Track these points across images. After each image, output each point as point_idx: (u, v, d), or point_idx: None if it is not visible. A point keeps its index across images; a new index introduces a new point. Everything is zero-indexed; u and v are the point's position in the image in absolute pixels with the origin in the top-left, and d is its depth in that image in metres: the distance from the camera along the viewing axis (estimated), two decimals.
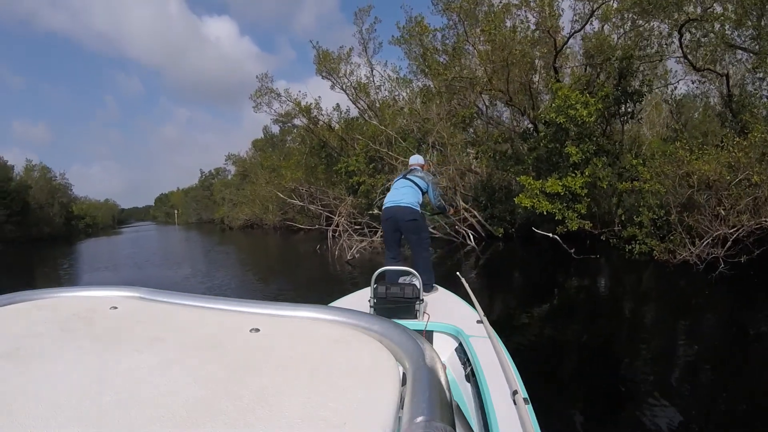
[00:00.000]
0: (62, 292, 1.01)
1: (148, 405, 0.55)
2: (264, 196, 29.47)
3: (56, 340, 0.76)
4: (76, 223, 53.27)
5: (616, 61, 9.63)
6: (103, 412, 0.54)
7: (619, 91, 9.77)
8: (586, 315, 5.94)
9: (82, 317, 0.86)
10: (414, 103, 16.85)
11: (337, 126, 19.73)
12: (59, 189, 47.39)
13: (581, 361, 4.34)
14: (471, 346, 2.14)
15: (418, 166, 4.12)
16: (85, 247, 27.56)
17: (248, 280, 10.71)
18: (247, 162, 39.20)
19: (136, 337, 0.77)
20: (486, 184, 14.11)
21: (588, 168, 9.24)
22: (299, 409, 0.54)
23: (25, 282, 14.62)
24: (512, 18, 10.29)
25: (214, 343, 0.74)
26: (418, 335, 0.71)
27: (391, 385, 0.60)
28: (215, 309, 0.88)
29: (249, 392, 0.58)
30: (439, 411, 0.49)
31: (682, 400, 3.34)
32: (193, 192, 63.80)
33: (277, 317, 0.83)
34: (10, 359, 0.68)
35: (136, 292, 0.99)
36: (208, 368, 0.65)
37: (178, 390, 0.59)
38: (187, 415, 0.53)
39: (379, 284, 2.85)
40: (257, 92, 17.93)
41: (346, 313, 0.81)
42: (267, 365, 0.66)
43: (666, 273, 7.38)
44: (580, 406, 3.32)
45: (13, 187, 35.07)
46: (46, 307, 0.92)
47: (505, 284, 8.30)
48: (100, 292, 1.01)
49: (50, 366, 0.66)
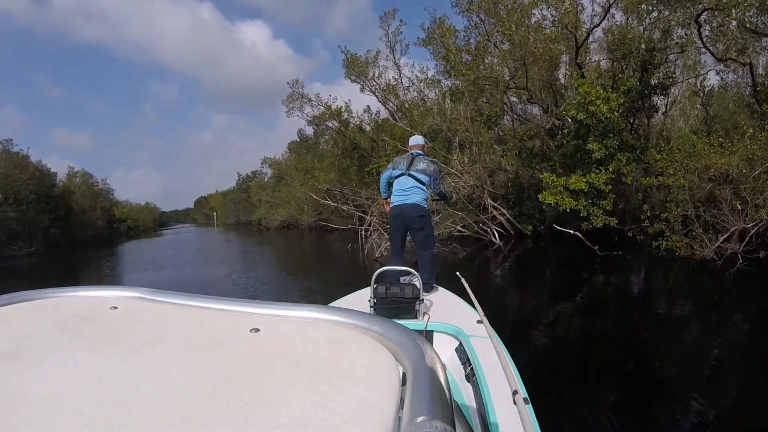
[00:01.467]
0: (62, 292, 1.02)
1: (148, 405, 0.56)
2: (299, 198, 30.67)
3: (56, 340, 0.77)
4: (118, 225, 56.49)
5: (638, 54, 9.73)
6: (103, 412, 0.55)
7: (642, 84, 9.85)
8: (594, 312, 6.04)
9: (82, 317, 0.87)
10: (443, 103, 17.30)
11: (368, 128, 20.45)
12: (101, 194, 50.55)
13: (582, 360, 4.42)
14: (471, 346, 2.19)
15: (419, 148, 4.10)
16: (126, 248, 29.48)
17: (282, 277, 11.51)
18: (283, 164, 40.75)
19: (136, 337, 0.78)
20: (515, 182, 14.37)
21: (612, 164, 9.43)
22: (299, 409, 0.55)
23: (71, 282, 16.15)
24: (528, 17, 10.55)
25: (214, 343, 0.75)
26: (418, 335, 0.72)
27: (391, 385, 0.60)
28: (215, 309, 0.89)
29: (249, 392, 0.59)
30: (439, 411, 0.49)
31: (685, 399, 3.37)
32: (231, 194, 66.63)
33: (277, 317, 0.84)
34: (10, 359, 0.68)
35: (136, 292, 1.00)
36: (208, 368, 0.66)
37: (178, 390, 0.59)
38: (187, 415, 0.54)
39: (379, 284, 2.90)
40: (289, 97, 18.95)
41: (346, 313, 0.82)
42: (267, 365, 0.67)
43: (686, 269, 7.48)
44: (580, 406, 3.37)
45: (57, 192, 37.33)
46: (46, 307, 0.93)
47: (520, 282, 8.56)
48: (100, 292, 1.03)
49: (50, 366, 0.67)
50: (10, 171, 30.36)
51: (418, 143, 4.10)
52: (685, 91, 12.74)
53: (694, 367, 4.07)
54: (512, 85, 10.88)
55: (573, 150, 10.29)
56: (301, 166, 31.06)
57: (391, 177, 4.00)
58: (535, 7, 10.41)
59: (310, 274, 11.55)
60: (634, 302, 6.49)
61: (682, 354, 4.37)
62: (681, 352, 4.39)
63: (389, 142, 16.50)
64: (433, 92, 18.44)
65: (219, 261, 16.81)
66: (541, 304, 6.71)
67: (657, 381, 3.72)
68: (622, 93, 9.27)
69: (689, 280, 7.25)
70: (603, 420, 3.13)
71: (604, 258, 9.10)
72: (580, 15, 10.26)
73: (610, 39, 10.33)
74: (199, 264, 16.17)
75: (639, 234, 9.74)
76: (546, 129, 11.79)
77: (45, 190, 34.89)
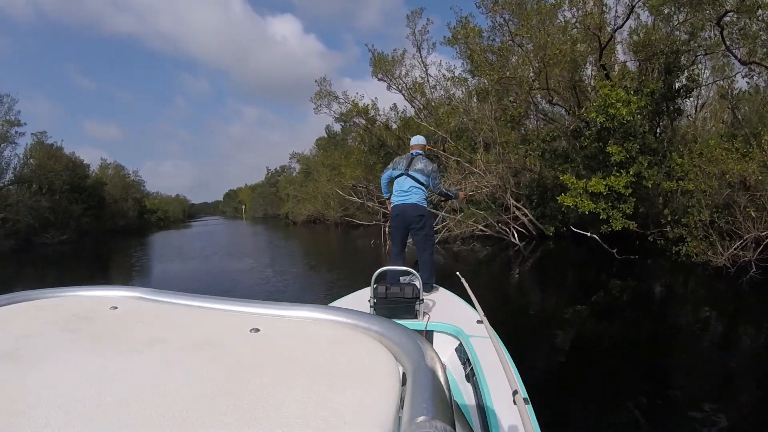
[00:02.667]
0: (62, 292, 1.03)
1: (148, 405, 0.57)
2: (325, 193, 31.45)
3: (56, 340, 0.78)
4: (148, 216, 58.80)
5: (662, 56, 9.76)
6: (103, 412, 0.55)
7: (665, 87, 9.87)
8: (600, 314, 6.13)
9: (82, 317, 0.88)
10: (470, 102, 17.53)
11: (395, 126, 20.89)
12: (132, 185, 52.78)
13: (582, 360, 4.48)
14: (471, 346, 2.22)
15: (419, 148, 4.10)
16: (156, 238, 30.87)
17: (306, 271, 12.10)
18: (310, 160, 41.73)
19: (136, 337, 0.79)
20: (538, 183, 14.51)
21: (633, 167, 9.55)
22: (299, 409, 0.55)
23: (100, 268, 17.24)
24: (551, 18, 10.69)
25: (214, 343, 0.76)
26: (418, 335, 0.73)
27: (391, 385, 0.61)
28: (215, 309, 0.90)
29: (249, 392, 0.59)
30: (439, 411, 0.50)
31: (686, 402, 3.41)
32: (259, 188, 68.43)
33: (277, 317, 0.85)
34: (10, 359, 0.69)
35: (137, 292, 1.01)
36: (208, 368, 0.67)
37: (178, 390, 0.60)
38: (187, 415, 0.54)
39: (379, 284, 2.94)
40: (317, 95, 19.60)
41: (346, 313, 0.83)
42: (267, 365, 0.68)
43: (701, 276, 7.54)
44: (580, 406, 3.41)
45: (90, 183, 39.12)
46: (46, 307, 0.94)
47: (532, 282, 8.79)
48: (100, 292, 1.04)
49: (50, 366, 0.68)
50: (44, 162, 31.67)
51: (418, 143, 4.12)
52: (716, 93, 12.60)
53: (699, 372, 4.07)
54: (535, 86, 11.07)
55: (594, 152, 10.43)
56: (328, 162, 31.85)
57: (391, 177, 4.06)
58: (558, 9, 10.57)
59: (333, 269, 12.07)
60: (642, 306, 6.56)
61: (687, 359, 4.39)
62: (686, 358, 4.42)
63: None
64: (459, 90, 18.71)
65: (246, 254, 17.52)
66: (548, 305, 6.91)
67: (658, 383, 3.76)
68: (645, 95, 9.36)
69: (702, 287, 7.33)
70: (603, 420, 3.21)
71: (621, 261, 9.22)
72: (606, 15, 10.37)
73: (635, 40, 10.38)
74: (226, 256, 16.91)
75: (660, 239, 9.82)
76: (570, 130, 11.93)
77: (78, 180, 36.50)
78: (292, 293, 8.55)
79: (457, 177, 14.50)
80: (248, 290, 8.81)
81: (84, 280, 13.79)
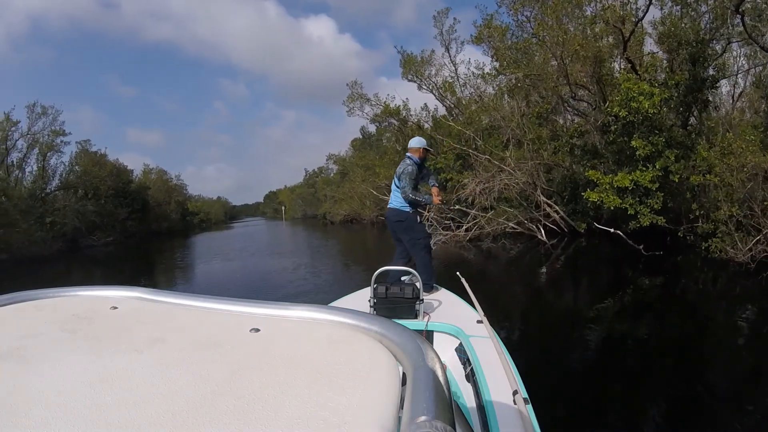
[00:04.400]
0: (62, 292, 1.04)
1: (148, 405, 0.57)
2: (361, 193, 32.33)
3: (56, 340, 0.79)
4: (191, 218, 62.08)
5: (687, 47, 9.73)
6: (103, 412, 0.56)
7: (691, 78, 9.82)
8: (612, 314, 6.17)
9: (82, 317, 0.89)
10: (500, 99, 17.74)
11: (427, 125, 21.38)
12: (175, 189, 55.84)
13: (583, 361, 4.56)
14: (471, 346, 2.25)
15: (411, 151, 4.07)
16: (199, 239, 32.65)
17: (342, 269, 12.80)
18: (346, 161, 42.85)
19: (136, 337, 0.80)
20: (570, 178, 14.57)
21: (659, 161, 9.60)
22: (299, 409, 0.56)
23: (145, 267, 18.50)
24: (570, 14, 10.87)
25: (214, 343, 0.77)
26: (418, 335, 0.73)
27: (391, 385, 0.62)
28: (215, 309, 0.91)
29: (249, 392, 0.60)
30: (439, 411, 0.50)
31: (685, 401, 3.46)
32: (298, 189, 70.52)
33: (277, 317, 0.86)
34: (10, 359, 0.70)
35: (137, 292, 1.02)
36: (208, 368, 0.68)
37: (178, 390, 0.61)
38: (188, 415, 0.55)
39: (379, 284, 2.98)
40: (348, 98, 20.44)
41: (346, 313, 0.83)
42: (267, 365, 0.69)
43: (725, 272, 7.53)
44: (580, 406, 3.45)
45: (134, 188, 41.75)
46: (46, 307, 0.95)
47: (552, 281, 8.93)
48: (100, 292, 1.05)
49: (50, 366, 0.69)
50: (89, 169, 34.01)
51: (410, 146, 4.11)
52: (751, 83, 12.27)
53: (706, 373, 4.07)
54: (560, 82, 11.30)
55: (621, 147, 10.52)
56: (362, 162, 32.74)
57: None
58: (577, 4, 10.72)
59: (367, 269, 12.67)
60: (659, 304, 6.59)
61: (698, 359, 4.37)
62: (696, 357, 4.40)
63: (445, 141, 17.33)
64: (490, 87, 18.96)
65: (286, 253, 18.41)
66: (565, 303, 7.12)
67: (663, 383, 3.77)
68: (671, 87, 9.38)
69: (725, 284, 7.34)
70: (603, 420, 3.26)
71: (647, 258, 9.29)
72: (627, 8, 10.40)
73: (661, 30, 10.38)
74: (267, 255, 17.90)
75: (689, 234, 9.83)
76: (597, 125, 12.03)
77: (122, 185, 38.93)
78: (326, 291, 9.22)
79: (486, 175, 14.86)
80: (284, 289, 9.48)
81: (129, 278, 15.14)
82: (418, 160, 4.09)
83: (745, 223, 7.28)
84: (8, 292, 1.02)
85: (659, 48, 10.71)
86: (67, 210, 30.26)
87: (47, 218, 27.73)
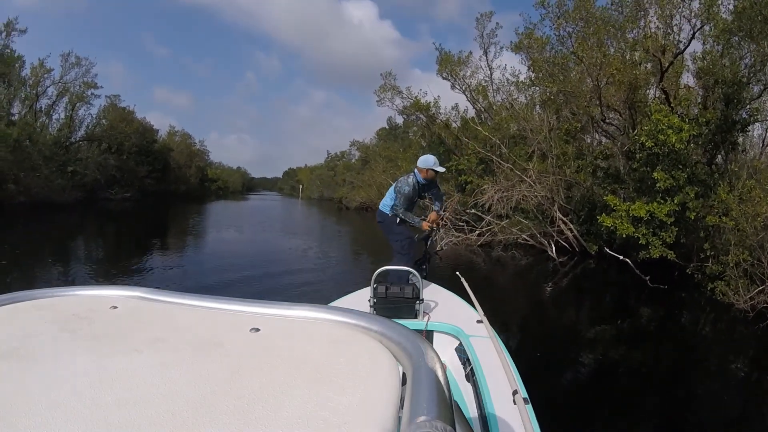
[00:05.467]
0: (62, 292, 1.04)
1: (148, 405, 0.58)
2: (380, 183, 32.65)
3: (56, 340, 0.79)
4: (209, 184, 63.57)
5: (722, 86, 9.73)
6: (103, 412, 0.56)
7: (722, 118, 9.84)
8: (607, 332, 6.51)
9: (82, 317, 0.89)
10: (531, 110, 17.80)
11: (455, 125, 21.51)
12: (197, 154, 57.08)
13: (583, 361, 4.72)
14: (471, 346, 2.28)
15: (418, 169, 4.13)
16: (214, 207, 33.52)
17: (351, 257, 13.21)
18: (369, 149, 43.13)
19: (136, 337, 0.80)
20: (588, 199, 14.67)
21: (678, 196, 9.71)
22: (299, 409, 0.57)
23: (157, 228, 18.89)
24: (612, 37, 10.93)
25: (214, 343, 0.78)
26: (418, 335, 0.74)
27: (391, 385, 0.62)
28: (215, 309, 0.92)
29: (249, 392, 0.61)
30: (439, 411, 0.51)
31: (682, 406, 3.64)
32: (318, 170, 71.10)
33: (277, 317, 0.87)
34: (9, 359, 0.70)
35: (137, 291, 1.03)
36: (208, 368, 0.69)
37: (178, 390, 0.62)
38: (188, 415, 0.56)
39: (379, 284, 3.02)
40: (381, 88, 20.65)
41: (346, 313, 0.84)
42: (267, 365, 0.70)
43: (724, 315, 7.68)
44: (580, 406, 3.53)
45: (157, 148, 43.16)
46: (46, 306, 0.95)
47: (555, 296, 9.26)
48: (100, 292, 1.06)
49: (50, 366, 0.69)
50: (116, 123, 35.17)
51: (419, 164, 4.18)
52: None
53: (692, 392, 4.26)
54: (593, 102, 11.42)
55: (642, 176, 10.63)
56: (385, 153, 33.01)
57: None
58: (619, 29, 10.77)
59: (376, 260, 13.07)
60: (655, 332, 6.87)
61: (687, 377, 4.61)
62: (686, 377, 4.64)
63: (470, 144, 17.50)
64: (523, 96, 19.00)
65: (298, 233, 18.91)
66: (564, 318, 7.41)
67: (658, 393, 3.93)
68: (701, 124, 9.44)
69: (721, 326, 7.53)
70: (603, 420, 3.33)
71: (651, 290, 9.43)
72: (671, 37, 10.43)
73: (699, 66, 10.40)
74: (279, 233, 18.35)
75: (697, 273, 9.92)
76: (624, 150, 12.11)
77: (146, 144, 40.10)
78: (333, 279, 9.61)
79: (506, 184, 15.05)
80: (293, 272, 9.87)
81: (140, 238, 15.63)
82: (422, 179, 4.12)
83: (751, 272, 7.41)
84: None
85: (696, 83, 10.75)
86: (89, 161, 31.26)
87: (69, 167, 28.74)
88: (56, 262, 10.31)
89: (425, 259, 4.55)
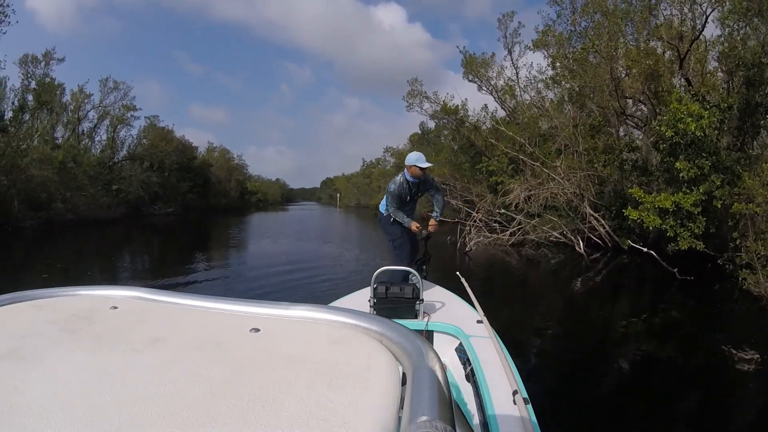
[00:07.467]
0: (62, 292, 1.05)
1: (148, 405, 0.58)
2: None
3: (56, 340, 0.79)
4: (249, 197, 66.02)
5: (743, 69, 9.65)
6: (103, 412, 0.57)
7: (744, 102, 9.74)
8: (620, 324, 6.46)
9: (82, 317, 0.90)
10: (560, 106, 17.82)
11: (485, 127, 21.78)
12: (236, 168, 59.50)
13: (583, 362, 4.71)
14: (471, 346, 2.29)
15: (406, 167, 4.13)
16: (254, 218, 34.71)
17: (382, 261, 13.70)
18: (403, 155, 43.67)
19: (136, 337, 0.81)
20: (619, 193, 14.56)
21: (703, 185, 9.66)
22: (299, 409, 0.57)
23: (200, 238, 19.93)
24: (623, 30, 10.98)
25: (214, 343, 0.78)
26: (418, 335, 0.74)
27: (391, 385, 0.63)
28: (215, 309, 0.92)
29: (249, 392, 0.61)
30: (439, 411, 0.51)
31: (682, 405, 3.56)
32: (354, 178, 72.59)
33: (277, 317, 0.88)
34: (9, 359, 0.71)
35: (137, 292, 1.03)
36: (208, 368, 0.69)
37: (178, 390, 0.62)
38: (187, 415, 0.56)
39: (379, 284, 3.04)
40: (408, 94, 21.23)
41: (346, 313, 0.85)
42: (267, 365, 0.70)
43: (756, 304, 7.57)
44: (580, 406, 3.50)
45: (197, 164, 45.54)
46: (46, 307, 0.95)
47: (579, 292, 9.35)
48: (100, 292, 1.06)
49: (50, 366, 0.69)
50: (156, 142, 37.29)
51: (407, 163, 4.16)
52: None
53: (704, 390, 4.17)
54: (612, 95, 11.51)
55: (667, 167, 10.60)
56: None
57: None
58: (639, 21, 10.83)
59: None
60: (673, 324, 6.80)
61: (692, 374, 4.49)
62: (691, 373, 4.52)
63: (498, 146, 17.74)
64: (551, 92, 19.05)
65: (336, 240, 19.47)
66: (573, 313, 7.49)
67: (658, 387, 3.91)
68: (723, 110, 9.37)
69: (751, 316, 7.39)
70: (603, 420, 3.33)
71: (680, 282, 9.39)
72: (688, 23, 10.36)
73: (720, 50, 10.31)
74: (317, 241, 19.01)
75: (728, 263, 9.79)
76: (650, 142, 12.07)
77: (186, 161, 42.29)
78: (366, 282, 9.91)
79: (534, 182, 15.22)
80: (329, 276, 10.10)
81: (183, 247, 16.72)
82: (410, 177, 4.09)
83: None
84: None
85: (720, 68, 10.63)
86: (133, 179, 33.37)
87: (113, 185, 30.84)
88: (103, 271, 11.12)
89: (425, 259, 4.61)
